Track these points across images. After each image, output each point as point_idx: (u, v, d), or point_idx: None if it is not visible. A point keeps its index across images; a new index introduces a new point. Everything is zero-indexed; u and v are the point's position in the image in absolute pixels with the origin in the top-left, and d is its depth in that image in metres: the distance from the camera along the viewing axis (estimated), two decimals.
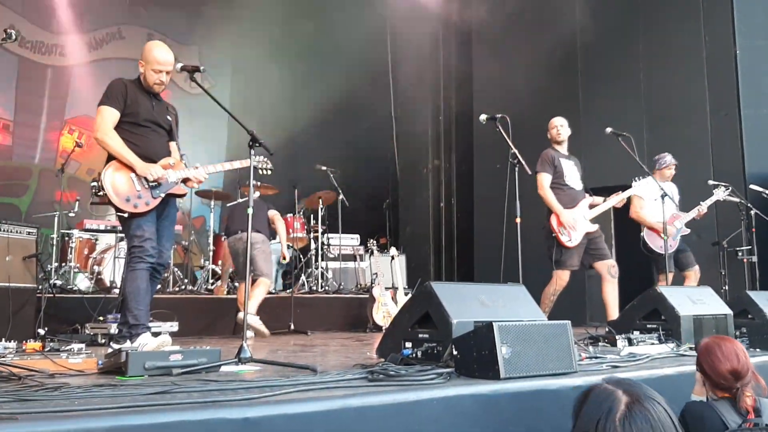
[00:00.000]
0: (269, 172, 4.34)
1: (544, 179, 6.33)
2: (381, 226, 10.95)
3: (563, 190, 6.37)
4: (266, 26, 11.65)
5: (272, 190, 8.94)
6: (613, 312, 6.18)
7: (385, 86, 11.61)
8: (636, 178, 6.68)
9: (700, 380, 2.86)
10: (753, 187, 7.56)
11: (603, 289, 6.33)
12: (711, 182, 7.54)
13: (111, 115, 4.30)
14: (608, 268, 6.32)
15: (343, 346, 5.67)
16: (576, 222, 6.26)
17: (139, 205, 4.27)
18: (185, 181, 4.56)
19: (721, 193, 7.15)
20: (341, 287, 9.15)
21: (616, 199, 6.51)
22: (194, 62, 4.57)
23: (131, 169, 4.27)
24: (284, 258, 7.44)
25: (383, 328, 7.30)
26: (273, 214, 7.28)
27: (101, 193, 4.18)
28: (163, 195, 4.39)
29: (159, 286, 5.87)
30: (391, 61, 11.55)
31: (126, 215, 4.25)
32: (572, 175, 6.49)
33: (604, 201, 6.51)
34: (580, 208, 6.35)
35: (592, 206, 6.46)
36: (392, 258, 8.34)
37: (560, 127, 6.58)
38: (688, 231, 7.06)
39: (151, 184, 4.30)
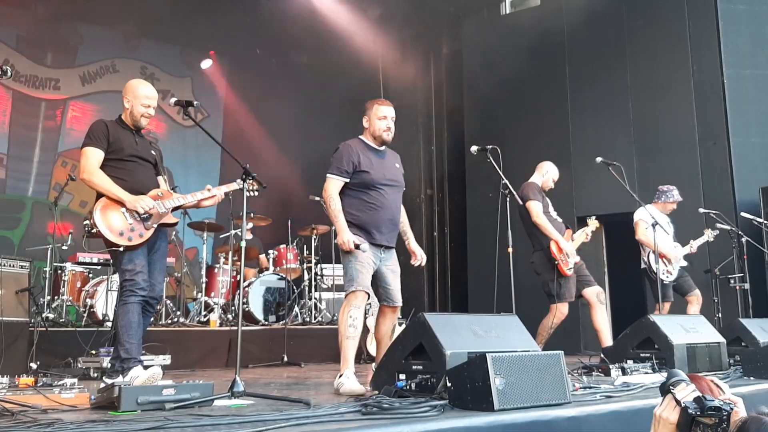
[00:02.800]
0: (256, 193, 4.40)
1: (538, 207, 6.30)
2: None
3: (549, 221, 6.36)
4: (259, 59, 11.76)
5: (265, 221, 8.97)
6: (606, 337, 6.20)
7: None
8: (589, 218, 6.74)
9: None
10: (744, 214, 7.62)
11: (593, 317, 6.33)
12: (702, 210, 7.60)
13: (96, 155, 4.37)
14: (596, 295, 6.35)
15: None
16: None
17: (133, 237, 4.28)
18: (176, 209, 4.59)
19: (709, 234, 7.25)
20: (335, 318, 9.09)
21: (583, 236, 6.51)
22: (187, 94, 4.65)
23: (121, 203, 4.30)
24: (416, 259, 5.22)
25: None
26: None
27: (94, 230, 4.22)
28: (155, 225, 4.41)
29: (152, 319, 5.85)
30: (383, 92, 11.64)
31: (121, 249, 4.26)
32: (552, 208, 6.55)
33: (572, 238, 6.49)
34: (566, 239, 6.37)
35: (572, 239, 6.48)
36: None
37: (554, 181, 6.65)
38: (685, 264, 7.13)
39: (142, 216, 4.32)
